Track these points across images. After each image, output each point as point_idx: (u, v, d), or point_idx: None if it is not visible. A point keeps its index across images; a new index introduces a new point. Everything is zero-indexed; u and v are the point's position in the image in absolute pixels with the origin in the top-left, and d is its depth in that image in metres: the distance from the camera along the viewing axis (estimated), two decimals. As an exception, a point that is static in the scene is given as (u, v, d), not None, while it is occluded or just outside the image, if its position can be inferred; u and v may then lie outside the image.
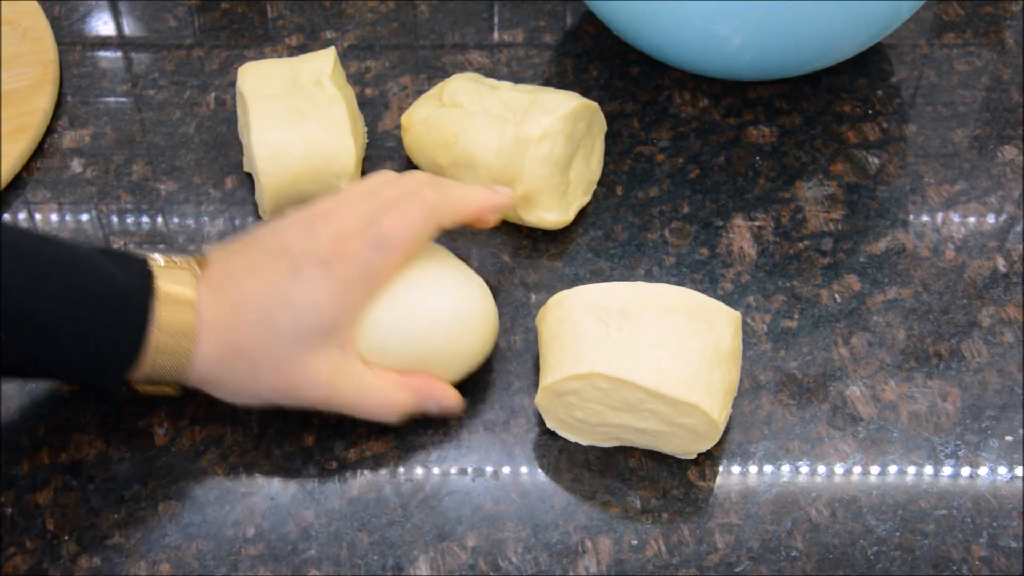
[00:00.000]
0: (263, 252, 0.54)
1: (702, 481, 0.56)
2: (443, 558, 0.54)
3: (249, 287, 0.53)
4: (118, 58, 0.76)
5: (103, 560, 0.53)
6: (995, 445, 0.57)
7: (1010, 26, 0.77)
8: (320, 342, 0.53)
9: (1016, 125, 0.71)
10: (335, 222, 0.54)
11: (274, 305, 0.52)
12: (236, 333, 0.53)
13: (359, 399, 0.55)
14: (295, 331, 0.52)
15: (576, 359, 0.53)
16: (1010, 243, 0.65)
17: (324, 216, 0.54)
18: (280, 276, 0.53)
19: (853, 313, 0.62)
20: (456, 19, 0.78)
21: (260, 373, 0.53)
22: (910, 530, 0.54)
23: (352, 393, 0.54)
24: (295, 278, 0.52)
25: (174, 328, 0.52)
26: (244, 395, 0.55)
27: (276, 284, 0.53)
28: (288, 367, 0.53)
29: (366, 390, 0.54)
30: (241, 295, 0.53)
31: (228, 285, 0.53)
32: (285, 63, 0.66)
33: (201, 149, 0.70)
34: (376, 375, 0.55)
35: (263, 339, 0.52)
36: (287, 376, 0.53)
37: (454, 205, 0.57)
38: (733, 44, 0.65)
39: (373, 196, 0.55)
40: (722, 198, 0.67)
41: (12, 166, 0.68)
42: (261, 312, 0.52)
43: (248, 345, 0.53)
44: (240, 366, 0.53)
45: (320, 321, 0.53)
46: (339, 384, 0.54)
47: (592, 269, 0.64)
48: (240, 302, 0.53)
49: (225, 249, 0.56)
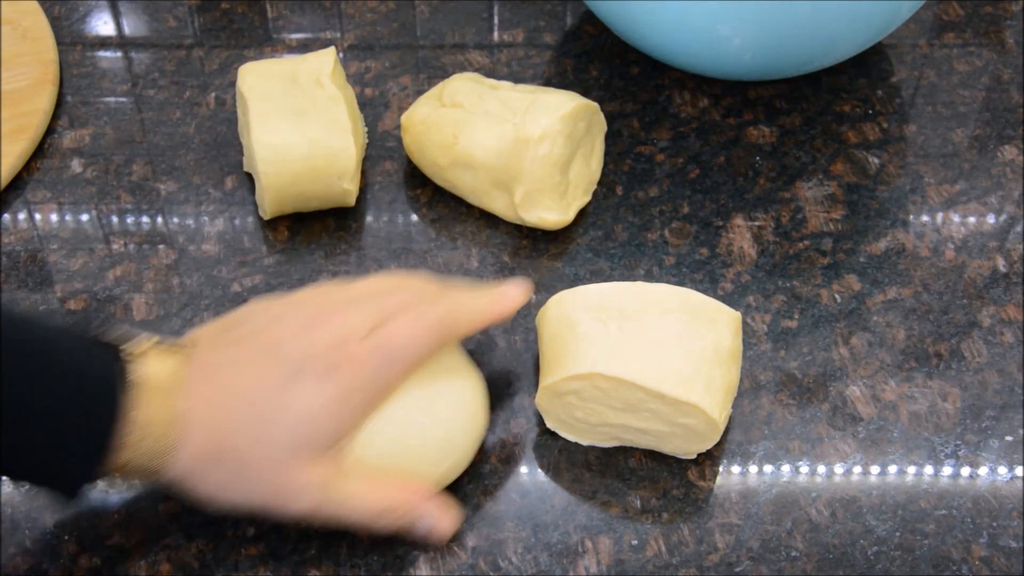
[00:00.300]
0: (258, 347, 0.50)
1: (702, 481, 0.56)
2: (443, 558, 0.54)
3: (242, 385, 0.49)
4: (118, 58, 0.76)
5: (103, 560, 0.53)
6: (995, 445, 0.57)
7: (1010, 26, 0.77)
8: (315, 452, 0.49)
9: (1016, 125, 0.71)
10: (336, 325, 0.50)
11: (269, 410, 0.49)
12: (225, 432, 0.49)
13: (351, 509, 0.51)
14: (290, 440, 0.49)
15: (576, 359, 0.53)
16: (1010, 243, 0.65)
17: (324, 315, 0.51)
18: (277, 379, 0.49)
19: (853, 313, 0.62)
20: (456, 19, 0.78)
21: (247, 476, 0.49)
22: (910, 530, 0.54)
23: (345, 504, 0.50)
24: (293, 384, 0.49)
25: (154, 421, 0.48)
26: (224, 498, 0.50)
27: (272, 387, 0.49)
28: (279, 474, 0.49)
29: (359, 501, 0.51)
30: (233, 392, 0.49)
31: (219, 379, 0.49)
32: (285, 63, 0.66)
33: (201, 149, 0.70)
34: (368, 486, 0.51)
35: (255, 442, 0.49)
36: (277, 483, 0.49)
37: (467, 320, 0.53)
38: (733, 44, 0.65)
39: (375, 301, 0.52)
40: (722, 198, 0.67)
41: (12, 166, 0.68)
42: (255, 414, 0.49)
43: (237, 446, 0.49)
44: (225, 467, 0.49)
45: (317, 433, 0.49)
46: (330, 495, 0.50)
47: (592, 269, 0.64)
48: (232, 400, 0.49)
49: (213, 334, 0.52)
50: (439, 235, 0.66)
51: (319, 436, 0.49)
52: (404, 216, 0.67)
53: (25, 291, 0.63)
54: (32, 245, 0.65)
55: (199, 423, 0.48)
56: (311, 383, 0.49)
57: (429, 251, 0.65)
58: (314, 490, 0.50)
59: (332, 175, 0.63)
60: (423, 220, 0.67)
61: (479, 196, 0.65)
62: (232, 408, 0.49)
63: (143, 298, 0.63)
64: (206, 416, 0.49)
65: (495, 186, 0.64)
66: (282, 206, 0.64)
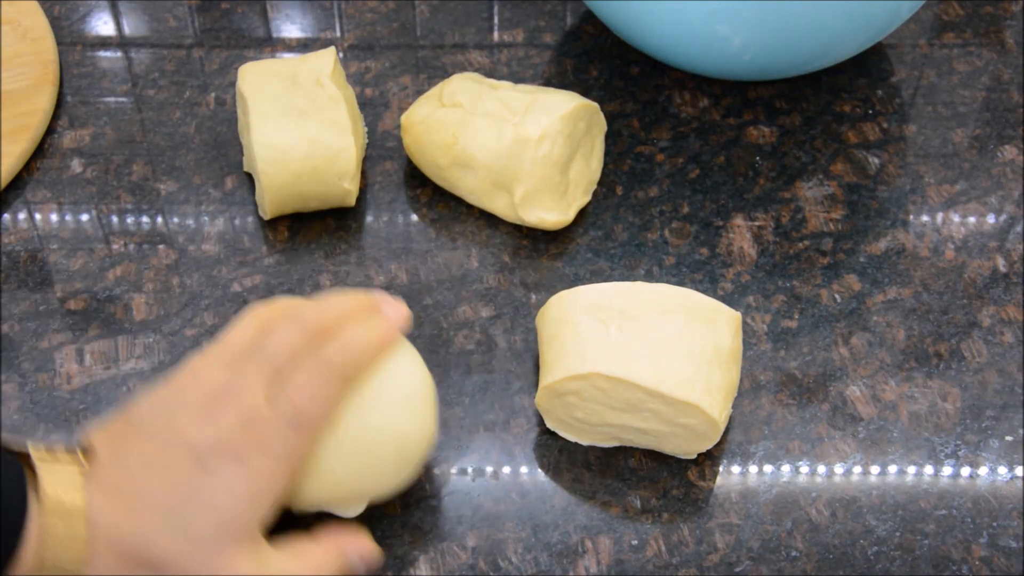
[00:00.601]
0: (160, 445, 0.48)
1: (702, 481, 0.56)
2: (443, 558, 0.54)
3: (150, 487, 0.47)
4: (118, 58, 0.76)
5: (103, 560, 0.53)
6: (995, 445, 0.57)
7: (1010, 26, 0.77)
8: (241, 538, 0.47)
9: (1016, 125, 0.71)
10: (235, 402, 0.48)
11: (184, 507, 0.47)
12: (137, 541, 0.46)
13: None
14: (214, 531, 0.47)
15: (576, 359, 0.53)
16: (1010, 243, 0.65)
17: (219, 398, 0.48)
18: (187, 474, 0.47)
19: (853, 313, 0.62)
20: (456, 19, 0.78)
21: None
22: (910, 530, 0.54)
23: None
24: (206, 476, 0.47)
25: (61, 543, 0.45)
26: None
27: (184, 484, 0.47)
28: (208, 568, 0.47)
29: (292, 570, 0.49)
30: (141, 497, 0.47)
31: (123, 485, 0.47)
32: (285, 63, 0.66)
33: (201, 149, 0.70)
34: (295, 554, 0.49)
35: (172, 544, 0.47)
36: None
37: (360, 355, 0.50)
38: (733, 44, 0.65)
39: (261, 354, 0.49)
40: (722, 198, 0.67)
41: (12, 166, 0.68)
42: (171, 514, 0.47)
43: (153, 553, 0.46)
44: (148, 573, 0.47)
45: (240, 521, 0.47)
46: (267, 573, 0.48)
47: (592, 269, 0.64)
48: (141, 505, 0.47)
49: (110, 437, 0.49)
50: (439, 235, 0.66)
51: (242, 522, 0.48)
52: (404, 216, 0.67)
53: (25, 291, 0.63)
54: (32, 245, 0.65)
55: (108, 535, 0.46)
56: (223, 474, 0.47)
57: (429, 251, 0.65)
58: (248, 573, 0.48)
59: (332, 175, 0.63)
60: (423, 220, 0.67)
61: (479, 196, 0.65)
62: (144, 516, 0.47)
63: (143, 298, 0.63)
64: (116, 529, 0.47)
65: (495, 186, 0.64)
66: (282, 206, 0.64)
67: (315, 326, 0.50)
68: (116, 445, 0.48)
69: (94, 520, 0.46)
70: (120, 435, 0.49)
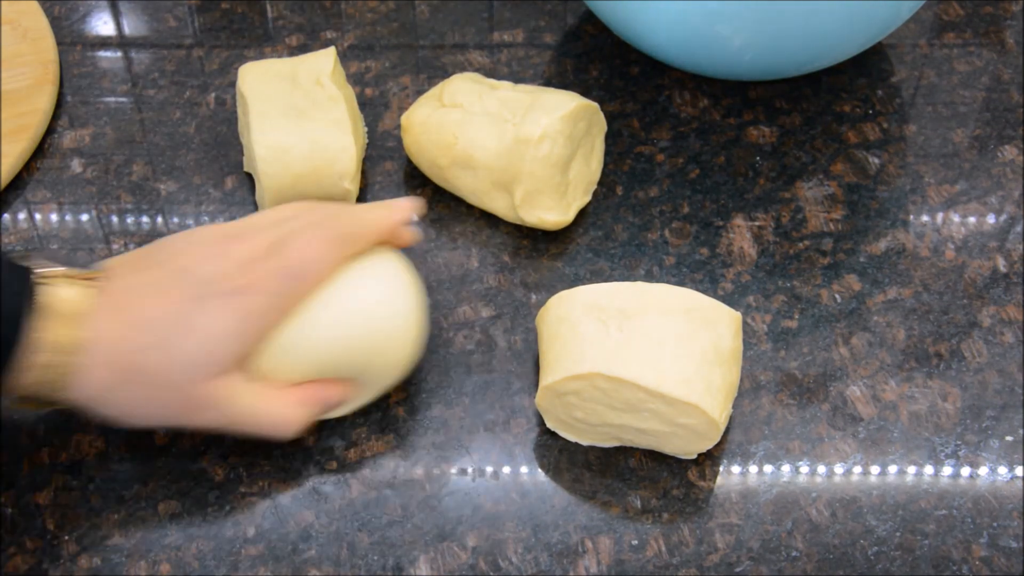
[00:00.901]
0: (167, 272, 0.52)
1: (702, 481, 0.56)
2: (443, 558, 0.54)
3: (150, 309, 0.51)
4: (118, 58, 0.76)
5: (103, 560, 0.53)
6: (995, 445, 0.57)
7: (1010, 26, 0.77)
8: (222, 369, 0.52)
9: (1016, 125, 0.71)
10: (241, 248, 0.52)
11: (176, 331, 0.51)
12: (132, 355, 0.50)
13: (254, 420, 0.54)
14: (197, 359, 0.51)
15: (576, 359, 0.53)
16: (1010, 243, 0.65)
17: (229, 240, 0.53)
18: (184, 301, 0.51)
19: (853, 313, 0.62)
20: (456, 19, 0.78)
21: (155, 396, 0.52)
22: (910, 530, 0.54)
23: (248, 415, 0.53)
24: (200, 306, 0.51)
25: (60, 343, 0.49)
26: (134, 416, 0.53)
27: (179, 310, 0.51)
28: (186, 391, 0.51)
29: (261, 411, 0.53)
30: (141, 316, 0.51)
31: (127, 304, 0.51)
32: (285, 63, 0.66)
33: (201, 149, 0.70)
34: (271, 395, 0.54)
35: (162, 363, 0.51)
36: (184, 400, 0.52)
37: (360, 229, 0.55)
38: (733, 44, 0.65)
39: (278, 226, 0.54)
40: (722, 198, 0.67)
41: (12, 166, 0.68)
42: (162, 336, 0.51)
43: (145, 368, 0.51)
44: (132, 388, 0.51)
45: (224, 351, 0.51)
46: (236, 407, 0.53)
47: (592, 269, 0.64)
48: (139, 323, 0.51)
49: (126, 263, 0.53)
50: (439, 235, 0.66)
51: (225, 354, 0.51)
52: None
53: (25, 291, 0.63)
54: (32, 245, 0.65)
55: (107, 347, 0.50)
56: (216, 304, 0.51)
57: (429, 251, 0.65)
58: (222, 403, 0.52)
59: (332, 175, 0.63)
60: (423, 220, 0.67)
61: (479, 196, 0.65)
62: (141, 331, 0.51)
63: (143, 298, 0.63)
64: (115, 340, 0.50)
65: (495, 186, 0.64)
66: (282, 206, 0.64)
67: (332, 209, 0.56)
68: (129, 266, 0.53)
69: (96, 328, 0.50)
70: (135, 259, 0.53)
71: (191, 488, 0.56)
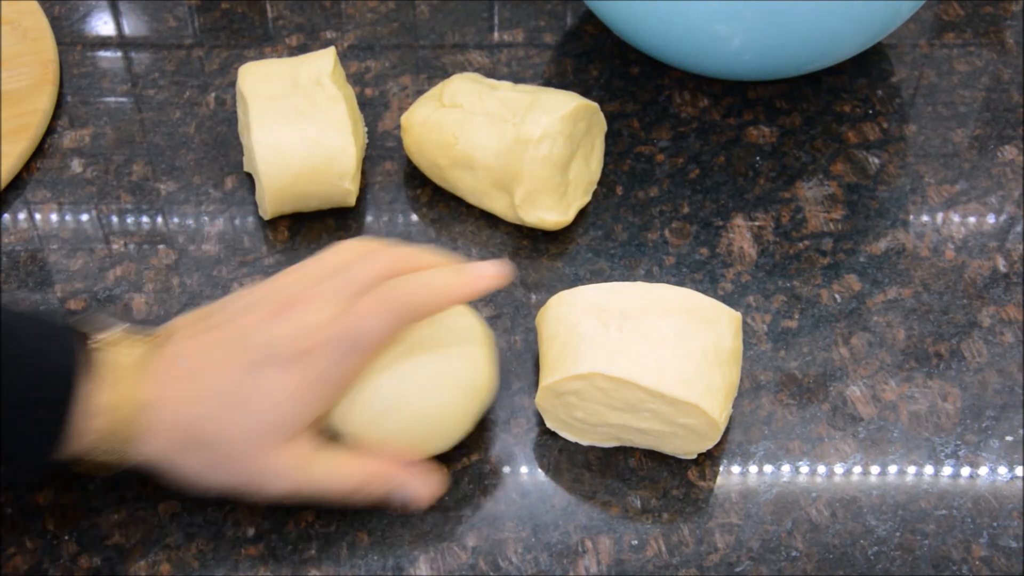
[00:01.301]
0: (226, 337, 0.51)
1: (702, 481, 0.56)
2: (443, 558, 0.54)
3: (211, 374, 0.50)
4: (118, 58, 0.76)
5: (103, 560, 0.53)
6: (995, 445, 0.57)
7: (1010, 26, 0.77)
8: (284, 437, 0.50)
9: (1016, 125, 0.71)
10: (303, 312, 0.51)
11: (236, 398, 0.50)
12: (196, 420, 0.50)
13: (326, 488, 0.52)
14: (258, 427, 0.50)
15: (576, 359, 0.53)
16: (1010, 243, 0.65)
17: (289, 304, 0.51)
18: (243, 368, 0.50)
19: (853, 313, 0.62)
20: (456, 19, 0.78)
21: (221, 463, 0.51)
22: (910, 530, 0.54)
23: (319, 483, 0.52)
24: (259, 373, 0.50)
25: (120, 406, 0.49)
26: (202, 482, 0.52)
27: (239, 376, 0.50)
28: (252, 460, 0.50)
29: (333, 479, 0.52)
30: (202, 381, 0.50)
31: (186, 370, 0.50)
32: (285, 63, 0.66)
33: (201, 149, 0.70)
34: (344, 462, 0.52)
35: (225, 430, 0.50)
36: (251, 468, 0.51)
37: (434, 301, 0.52)
38: (733, 44, 0.65)
39: (340, 278, 0.52)
40: (722, 198, 0.67)
41: (12, 166, 0.68)
42: (223, 403, 0.50)
43: (208, 434, 0.50)
44: (195, 456, 0.51)
45: (283, 420, 0.50)
46: (305, 476, 0.51)
47: (592, 269, 0.64)
48: (201, 389, 0.50)
49: (188, 324, 0.53)
50: (439, 235, 0.66)
51: (285, 423, 0.50)
52: (404, 216, 0.67)
53: (25, 291, 0.63)
54: (32, 245, 0.65)
55: (170, 410, 0.50)
56: (275, 372, 0.50)
57: (429, 251, 0.65)
58: (288, 472, 0.51)
59: (332, 175, 0.63)
60: (423, 220, 0.67)
61: (479, 196, 0.65)
62: (202, 396, 0.50)
63: (143, 298, 0.63)
64: (177, 403, 0.50)
65: (495, 186, 0.64)
66: (282, 206, 0.64)
67: (399, 265, 0.53)
68: (191, 328, 0.52)
69: (156, 390, 0.49)
70: (197, 320, 0.53)
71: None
